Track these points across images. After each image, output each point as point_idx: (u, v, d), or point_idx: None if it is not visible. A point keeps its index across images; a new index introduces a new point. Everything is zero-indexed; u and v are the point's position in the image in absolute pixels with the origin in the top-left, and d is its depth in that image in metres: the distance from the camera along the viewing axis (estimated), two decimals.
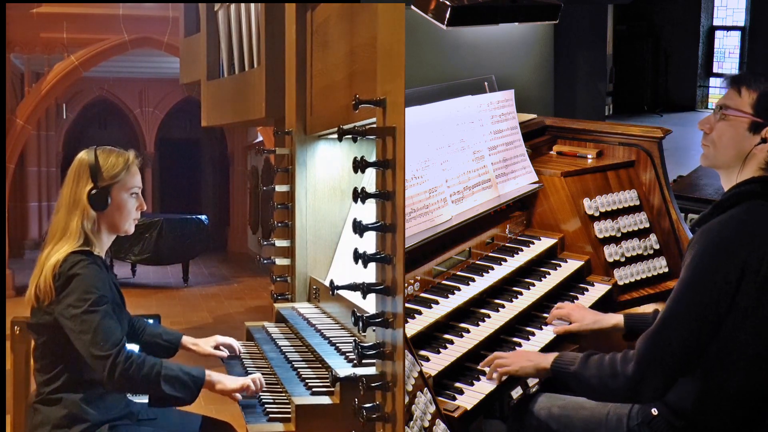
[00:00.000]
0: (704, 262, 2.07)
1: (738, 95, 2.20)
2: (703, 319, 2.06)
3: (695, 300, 2.07)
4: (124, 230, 2.52)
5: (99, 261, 2.43)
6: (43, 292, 2.34)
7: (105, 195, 2.44)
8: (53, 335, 2.38)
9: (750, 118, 2.17)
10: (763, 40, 11.48)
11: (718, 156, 2.24)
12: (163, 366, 2.34)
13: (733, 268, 2.03)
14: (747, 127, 2.17)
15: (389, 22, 2.03)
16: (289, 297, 3.53)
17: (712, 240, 2.08)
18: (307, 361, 2.68)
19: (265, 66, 4.94)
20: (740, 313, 2.04)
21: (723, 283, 2.04)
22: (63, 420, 2.39)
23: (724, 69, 12.21)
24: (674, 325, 2.07)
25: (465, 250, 2.93)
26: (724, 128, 2.21)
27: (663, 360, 2.06)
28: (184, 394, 2.37)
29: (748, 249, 2.04)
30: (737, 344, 2.07)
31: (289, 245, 3.51)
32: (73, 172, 2.48)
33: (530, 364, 2.36)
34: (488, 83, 3.37)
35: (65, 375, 2.41)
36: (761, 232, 2.07)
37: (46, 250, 2.41)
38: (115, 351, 2.26)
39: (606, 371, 2.14)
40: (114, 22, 10.32)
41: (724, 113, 2.21)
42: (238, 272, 13.15)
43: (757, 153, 2.17)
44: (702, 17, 12.38)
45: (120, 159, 2.50)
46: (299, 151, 3.48)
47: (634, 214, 3.32)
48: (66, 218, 2.43)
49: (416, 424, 2.07)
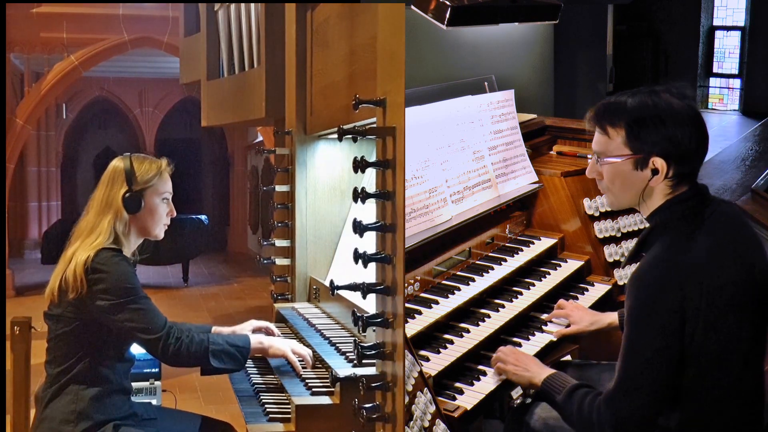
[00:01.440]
0: (642, 315, 1.95)
1: (606, 137, 2.05)
2: (659, 367, 1.94)
3: (645, 352, 1.95)
4: (154, 234, 2.63)
5: (128, 260, 2.51)
6: (71, 286, 2.39)
7: (139, 198, 2.53)
8: (75, 327, 2.44)
9: (629, 157, 2.02)
10: (763, 40, 11.48)
11: (619, 200, 2.11)
12: (210, 341, 2.47)
13: (672, 311, 1.91)
14: (632, 167, 2.02)
15: (389, 22, 2.03)
16: (289, 297, 3.53)
17: (643, 290, 1.95)
18: None
19: (265, 66, 4.94)
20: (695, 351, 1.94)
21: (666, 329, 1.92)
22: (70, 415, 2.43)
23: (724, 69, 12.20)
24: (634, 381, 1.97)
25: (465, 250, 2.93)
26: (611, 173, 2.06)
27: (634, 415, 1.98)
28: (233, 365, 2.52)
29: (681, 290, 1.90)
30: (698, 381, 1.98)
31: (289, 245, 3.51)
32: (108, 177, 2.57)
33: (526, 375, 2.32)
34: (488, 83, 3.37)
35: (79, 366, 2.45)
36: (688, 267, 1.93)
37: (72, 246, 2.47)
38: (165, 333, 2.42)
39: (584, 414, 2.06)
40: (114, 22, 10.32)
41: (603, 162, 2.07)
42: (238, 272, 13.15)
43: (654, 185, 2.02)
44: (702, 17, 12.36)
45: (153, 165, 2.60)
46: (299, 151, 3.48)
47: (634, 214, 3.32)
48: (96, 219, 2.51)
49: (416, 424, 2.07)
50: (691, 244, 1.96)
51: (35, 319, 3.32)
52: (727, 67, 12.20)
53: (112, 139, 16.92)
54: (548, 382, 2.24)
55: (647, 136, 1.99)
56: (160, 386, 4.37)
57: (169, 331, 2.42)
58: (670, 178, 2.01)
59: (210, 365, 2.47)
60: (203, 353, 2.45)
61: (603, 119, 2.06)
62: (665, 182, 2.02)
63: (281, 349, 2.57)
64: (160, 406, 3.70)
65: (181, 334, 2.44)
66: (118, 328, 2.42)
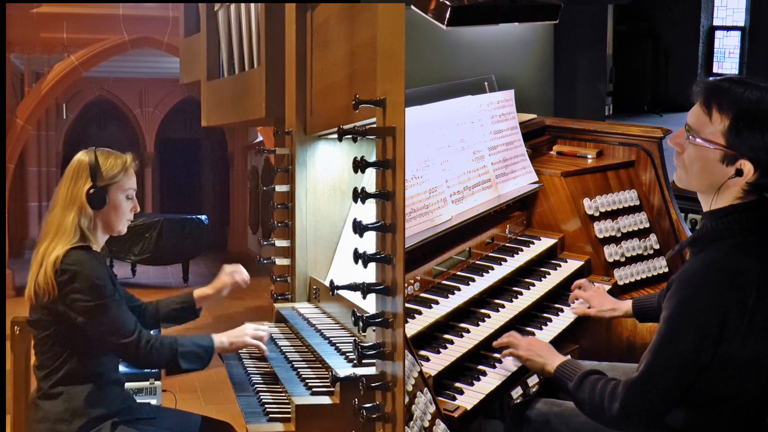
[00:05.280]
0: (684, 318, 1.94)
1: (708, 119, 1.94)
2: (684, 370, 1.95)
3: (676, 353, 1.95)
4: (117, 230, 2.59)
5: (99, 256, 2.48)
6: (43, 289, 2.38)
7: (103, 194, 2.50)
8: (55, 330, 2.43)
9: (722, 150, 1.93)
10: (763, 40, 11.48)
11: (690, 181, 2.04)
12: (178, 344, 2.49)
13: (714, 321, 1.90)
14: (719, 159, 1.94)
15: (389, 22, 2.03)
16: (289, 297, 3.53)
17: (691, 293, 1.94)
18: (307, 361, 2.68)
19: (265, 66, 4.93)
20: (722, 361, 1.94)
21: (704, 337, 1.91)
22: (64, 414, 2.42)
23: (724, 69, 12.20)
24: (655, 378, 1.98)
25: (465, 250, 2.93)
26: (695, 154, 1.99)
27: (645, 409, 2.00)
28: (198, 365, 2.55)
29: (728, 301, 1.89)
30: (719, 389, 1.99)
31: (289, 245, 3.51)
32: (72, 171, 2.53)
33: (540, 360, 2.33)
34: (488, 83, 3.37)
35: (66, 368, 2.45)
36: (740, 280, 1.90)
37: (41, 246, 2.45)
38: (135, 337, 2.41)
39: (596, 400, 2.08)
40: (114, 22, 10.31)
41: (692, 140, 1.98)
42: None
43: (731, 185, 1.96)
44: (702, 17, 12.37)
45: (119, 161, 2.56)
46: (299, 151, 3.47)
47: (634, 214, 3.32)
48: (61, 216, 2.47)
49: (416, 424, 2.07)
50: (746, 258, 1.93)
51: None
52: (727, 67, 12.20)
53: (112, 139, 16.90)
54: (561, 368, 2.26)
55: (748, 138, 1.91)
56: (160, 386, 4.37)
57: (139, 335, 2.42)
58: (748, 184, 1.96)
59: (179, 366, 2.49)
60: (173, 355, 2.47)
61: (712, 98, 1.95)
62: (741, 186, 1.96)
63: (240, 340, 2.64)
64: (160, 406, 3.71)
65: (151, 337, 2.44)
66: (90, 331, 2.41)
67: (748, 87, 1.94)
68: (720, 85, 1.97)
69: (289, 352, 2.83)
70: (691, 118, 2.00)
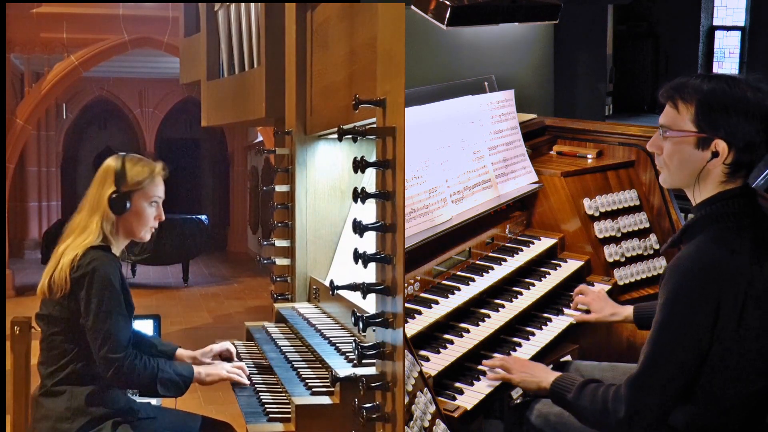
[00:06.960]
0: (679, 303, 1.96)
1: (675, 111, 2.04)
2: (685, 354, 1.97)
3: (675, 342, 1.97)
4: (139, 236, 2.62)
5: (116, 259, 2.52)
6: (57, 285, 2.42)
7: (125, 200, 2.54)
8: (64, 327, 2.45)
9: (693, 135, 2.02)
10: (763, 40, 11.47)
11: (673, 178, 2.10)
12: (160, 370, 2.48)
13: (709, 306, 1.93)
14: (694, 145, 2.02)
15: (389, 22, 2.03)
16: (289, 297, 3.53)
17: (683, 278, 1.97)
18: (307, 361, 2.68)
19: (265, 66, 4.93)
20: (721, 348, 1.95)
21: (701, 322, 1.94)
22: (66, 412, 2.44)
23: (724, 69, 12.18)
24: (656, 370, 1.99)
25: (465, 250, 2.93)
26: (671, 149, 2.06)
27: (650, 404, 2.01)
28: (174, 393, 2.55)
29: (720, 286, 1.93)
30: (720, 389, 2.00)
31: (289, 245, 3.51)
32: (100, 176, 2.59)
33: (534, 380, 2.34)
34: (488, 83, 3.37)
35: (71, 367, 2.46)
36: (731, 263, 1.94)
37: (63, 244, 2.50)
38: (122, 356, 2.40)
39: (598, 406, 2.08)
40: (114, 22, 10.32)
41: (666, 135, 2.07)
42: (238, 272, 13.15)
43: (712, 169, 2.02)
44: (702, 17, 12.36)
45: (146, 168, 2.61)
46: (299, 151, 3.47)
47: (634, 214, 3.32)
48: (87, 218, 2.53)
49: (416, 424, 2.07)
50: (735, 242, 1.97)
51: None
52: (727, 67, 12.19)
53: (112, 139, 16.92)
54: (558, 382, 2.26)
55: (716, 119, 1.99)
56: None
57: (126, 356, 2.41)
58: (727, 165, 2.01)
59: (155, 391, 2.49)
60: (152, 380, 2.47)
61: (676, 93, 2.06)
62: (721, 169, 2.01)
63: (216, 374, 2.63)
64: (160, 406, 3.70)
65: (135, 361, 2.43)
66: (86, 332, 2.41)
67: (705, 78, 2.05)
68: (679, 81, 2.08)
69: (289, 352, 2.83)
70: (662, 119, 2.09)
